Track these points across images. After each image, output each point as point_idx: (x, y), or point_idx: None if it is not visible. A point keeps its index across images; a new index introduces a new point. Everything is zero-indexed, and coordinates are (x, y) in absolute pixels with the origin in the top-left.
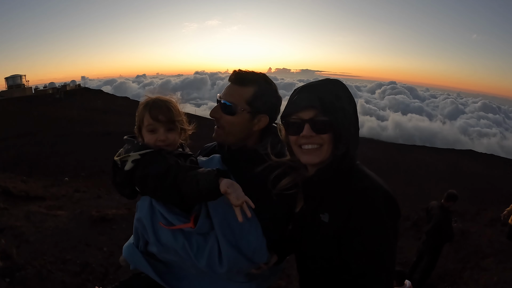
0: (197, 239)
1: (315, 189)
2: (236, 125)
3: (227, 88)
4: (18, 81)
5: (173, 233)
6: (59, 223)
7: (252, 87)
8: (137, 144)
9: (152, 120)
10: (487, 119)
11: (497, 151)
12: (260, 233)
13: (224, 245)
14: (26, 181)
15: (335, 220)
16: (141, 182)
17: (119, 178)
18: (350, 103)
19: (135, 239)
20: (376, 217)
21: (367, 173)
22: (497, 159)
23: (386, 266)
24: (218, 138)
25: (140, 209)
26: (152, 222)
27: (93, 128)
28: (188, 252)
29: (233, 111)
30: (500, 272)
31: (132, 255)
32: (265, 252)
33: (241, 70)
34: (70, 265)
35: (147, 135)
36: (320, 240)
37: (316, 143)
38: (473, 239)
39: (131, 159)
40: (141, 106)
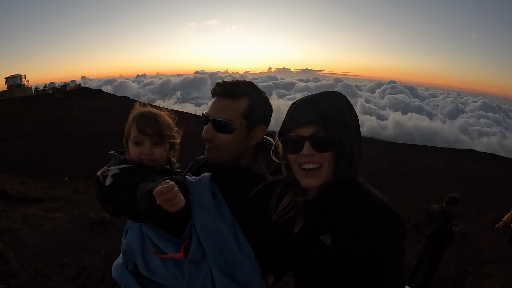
0: (189, 267)
1: (317, 209)
2: (233, 143)
3: (216, 103)
4: (18, 81)
5: (164, 261)
6: (57, 226)
7: (245, 99)
8: (118, 159)
9: (138, 133)
10: (487, 118)
11: (497, 150)
12: (254, 260)
13: (217, 274)
14: (25, 182)
15: (338, 243)
16: (116, 198)
17: (101, 194)
18: (353, 117)
19: (124, 260)
20: (382, 241)
21: (371, 192)
22: (497, 158)
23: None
24: (213, 158)
25: (130, 233)
26: (141, 248)
27: (93, 128)
28: (179, 281)
29: (230, 128)
30: (502, 279)
31: (122, 276)
32: (259, 278)
33: (226, 81)
34: (67, 269)
35: (132, 148)
36: (322, 263)
37: (316, 162)
38: (474, 242)
39: (111, 173)
40: (130, 118)
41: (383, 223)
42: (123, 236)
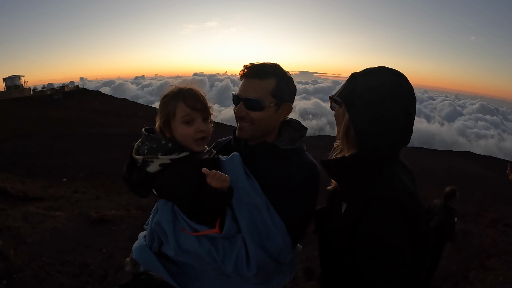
0: (223, 243)
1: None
2: (264, 120)
3: (246, 83)
4: (16, 82)
5: (198, 238)
6: (58, 224)
7: (273, 78)
8: (165, 145)
9: (189, 110)
10: (485, 120)
11: (495, 152)
12: (285, 232)
13: (252, 247)
14: (24, 182)
15: (349, 214)
16: (164, 192)
17: (136, 177)
18: (392, 97)
19: (149, 240)
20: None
21: (393, 180)
22: (495, 160)
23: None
24: (245, 135)
25: (161, 213)
26: (174, 227)
27: (92, 129)
28: (214, 257)
29: (261, 106)
30: (505, 272)
31: (145, 257)
32: (290, 251)
33: (254, 63)
34: (69, 266)
35: (182, 128)
36: (335, 228)
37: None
38: (475, 239)
39: (159, 162)
40: (168, 97)
41: (388, 213)
42: (151, 217)
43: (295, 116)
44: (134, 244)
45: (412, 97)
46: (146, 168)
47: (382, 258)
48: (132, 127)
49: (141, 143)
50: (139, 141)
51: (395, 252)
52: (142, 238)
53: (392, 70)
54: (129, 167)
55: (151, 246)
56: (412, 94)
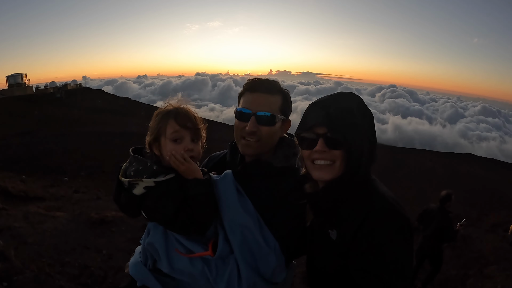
0: (216, 263)
1: (322, 204)
2: (273, 135)
3: (256, 98)
4: (19, 80)
5: (191, 259)
6: (58, 224)
7: (280, 95)
8: (150, 167)
9: (178, 127)
10: (487, 123)
11: (497, 155)
12: (279, 251)
13: (244, 268)
14: (25, 181)
15: (343, 238)
16: (152, 214)
17: (124, 199)
18: (365, 117)
19: (144, 258)
20: (384, 241)
21: (379, 191)
22: (497, 163)
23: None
24: (251, 151)
25: (153, 234)
26: (166, 248)
27: (94, 128)
28: (207, 276)
29: (274, 121)
30: (504, 280)
31: (141, 274)
32: (283, 270)
33: (261, 78)
34: (69, 267)
35: (170, 145)
36: (328, 256)
37: (328, 159)
38: (475, 245)
39: (143, 185)
40: (160, 114)
41: (386, 224)
42: (144, 235)
43: (297, 117)
44: (130, 260)
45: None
46: (132, 190)
47: (381, 269)
48: (134, 126)
49: (128, 164)
50: (127, 161)
51: (395, 263)
52: (137, 254)
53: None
54: (117, 189)
55: (145, 263)
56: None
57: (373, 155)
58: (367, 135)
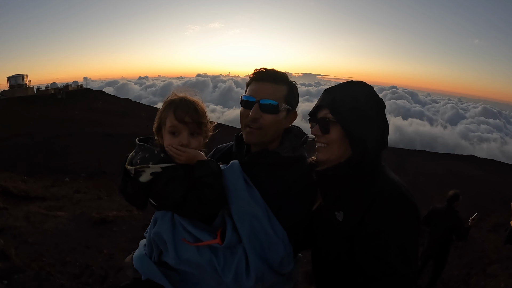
0: (224, 253)
1: (330, 185)
2: (275, 124)
3: (260, 86)
4: (20, 81)
5: (198, 248)
6: (59, 224)
7: (285, 85)
8: (157, 155)
9: (176, 121)
10: (488, 124)
11: (498, 156)
12: (287, 241)
13: (253, 257)
14: (26, 181)
15: (349, 220)
16: (160, 199)
17: (131, 188)
18: (372, 106)
19: (149, 250)
20: (391, 224)
21: (389, 177)
22: (498, 164)
23: (400, 274)
24: (254, 139)
25: (160, 223)
26: (173, 238)
27: (95, 129)
28: (214, 266)
29: (277, 109)
30: (507, 279)
31: (146, 266)
32: (291, 260)
33: (267, 68)
34: (70, 267)
35: (167, 137)
36: (333, 238)
37: (322, 142)
38: (477, 245)
39: (150, 171)
40: (165, 104)
41: (393, 208)
42: (150, 226)
43: (298, 118)
44: (135, 253)
45: (383, 103)
46: (139, 179)
47: (387, 253)
48: (135, 127)
49: (134, 154)
50: (133, 151)
51: (401, 248)
52: (142, 247)
53: (362, 82)
54: (124, 179)
55: (150, 255)
56: (383, 101)
57: (384, 141)
58: (376, 123)
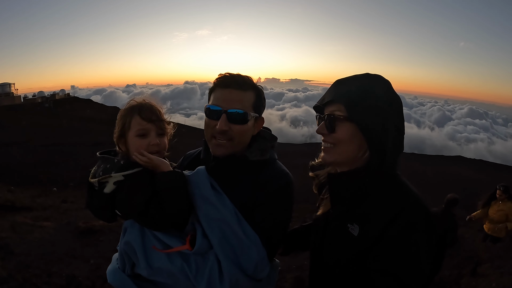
0: (195, 259)
1: (343, 192)
2: (246, 134)
3: (228, 94)
4: (7, 90)
5: (169, 256)
6: (45, 234)
7: (253, 90)
8: (118, 163)
9: (144, 122)
10: (474, 124)
11: (486, 156)
12: (260, 245)
13: (225, 263)
14: (13, 191)
15: (366, 235)
16: (125, 208)
17: (97, 201)
18: (391, 103)
19: (121, 263)
20: (413, 242)
21: (410, 188)
22: (486, 164)
23: None
24: (225, 152)
25: (129, 232)
26: (143, 246)
27: (82, 138)
28: (187, 274)
29: (246, 119)
30: (498, 278)
31: (120, 281)
32: (266, 264)
33: (232, 73)
34: (56, 278)
35: (135, 141)
36: (344, 252)
37: (329, 142)
38: (467, 245)
39: (113, 181)
40: (125, 111)
41: (421, 223)
42: (121, 236)
43: (286, 124)
44: (108, 268)
45: (401, 101)
46: (103, 190)
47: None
48: None
49: (97, 167)
50: (96, 165)
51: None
52: (115, 260)
53: (379, 75)
54: (89, 193)
55: (124, 269)
56: (400, 98)
57: (401, 144)
58: (394, 122)
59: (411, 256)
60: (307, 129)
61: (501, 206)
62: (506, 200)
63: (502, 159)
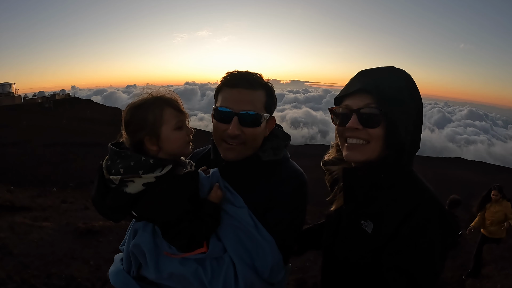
0: (211, 263)
1: (359, 186)
2: (259, 136)
3: (238, 95)
4: (7, 89)
5: (182, 260)
6: (45, 235)
7: (263, 89)
8: (146, 162)
9: (179, 113)
10: (474, 126)
11: (485, 157)
12: (276, 249)
13: (241, 266)
14: (12, 191)
15: (380, 232)
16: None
17: (112, 200)
18: (414, 99)
19: (127, 264)
20: (428, 239)
21: (425, 184)
22: (486, 165)
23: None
24: (237, 156)
25: (141, 235)
26: (155, 250)
27: (82, 138)
28: (200, 278)
29: (259, 121)
30: (503, 279)
31: (124, 283)
32: (281, 268)
33: (241, 71)
34: (55, 279)
35: (176, 135)
36: (357, 249)
37: (362, 138)
38: (469, 246)
39: (142, 182)
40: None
41: (436, 220)
42: (128, 238)
43: (286, 125)
44: (110, 269)
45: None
46: (124, 189)
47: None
48: None
49: (110, 161)
50: (106, 158)
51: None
52: (118, 261)
53: (404, 71)
54: (100, 190)
55: (129, 270)
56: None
57: (418, 141)
58: (414, 118)
59: (425, 254)
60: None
61: (498, 207)
62: (501, 199)
63: (502, 161)
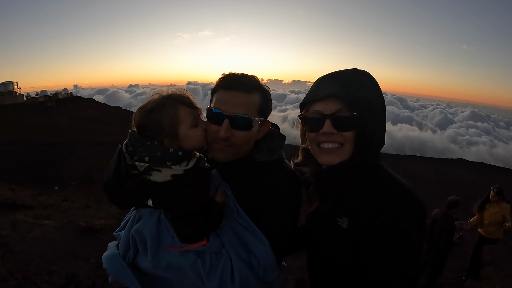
0: (210, 256)
1: (331, 186)
2: (249, 140)
3: (230, 97)
4: (9, 88)
5: (182, 251)
6: (46, 233)
7: (258, 92)
8: (174, 154)
9: (194, 111)
10: (476, 127)
11: (487, 159)
12: (269, 249)
13: (237, 262)
14: (14, 189)
15: (355, 226)
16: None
17: (133, 186)
18: (378, 97)
19: (124, 249)
20: (403, 227)
21: (393, 177)
22: (488, 167)
23: (409, 278)
24: (226, 157)
25: (145, 221)
26: (157, 238)
27: (85, 137)
28: (198, 270)
29: (251, 125)
30: (502, 280)
31: (118, 268)
32: (275, 268)
33: (236, 73)
34: (56, 277)
35: (193, 132)
36: (336, 245)
37: (337, 142)
38: (469, 247)
39: (171, 173)
40: (160, 106)
41: (405, 212)
42: (130, 223)
43: (288, 125)
44: (104, 254)
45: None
46: (148, 178)
47: (397, 258)
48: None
49: (132, 148)
50: (125, 143)
51: (412, 252)
52: (114, 247)
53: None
54: (118, 174)
55: (124, 256)
56: None
57: (383, 138)
58: (380, 116)
59: (403, 243)
60: None
61: (496, 208)
62: (500, 201)
63: (503, 162)
